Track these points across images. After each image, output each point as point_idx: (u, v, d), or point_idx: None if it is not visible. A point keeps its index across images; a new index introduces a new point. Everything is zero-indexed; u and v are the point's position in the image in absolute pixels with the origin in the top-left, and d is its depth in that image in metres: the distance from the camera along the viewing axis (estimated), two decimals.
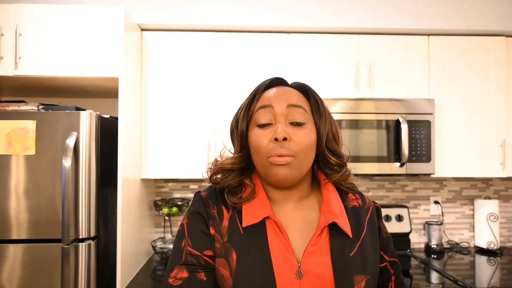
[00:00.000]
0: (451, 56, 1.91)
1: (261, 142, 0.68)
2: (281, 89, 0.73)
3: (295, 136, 0.68)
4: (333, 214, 0.70)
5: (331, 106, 1.81)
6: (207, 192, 0.76)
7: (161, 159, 1.83)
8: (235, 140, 0.75)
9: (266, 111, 0.70)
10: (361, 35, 1.90)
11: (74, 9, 1.56)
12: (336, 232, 0.69)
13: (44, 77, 1.58)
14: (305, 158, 0.69)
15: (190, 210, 0.75)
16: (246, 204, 0.71)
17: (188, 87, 1.85)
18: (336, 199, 0.74)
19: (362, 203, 0.77)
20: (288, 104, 0.70)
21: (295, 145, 0.67)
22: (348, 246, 0.69)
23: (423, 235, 2.21)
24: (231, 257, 0.67)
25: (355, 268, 0.67)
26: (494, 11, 1.89)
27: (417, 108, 1.83)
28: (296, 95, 0.73)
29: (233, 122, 0.76)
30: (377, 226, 0.77)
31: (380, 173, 1.83)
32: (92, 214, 1.46)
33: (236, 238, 0.68)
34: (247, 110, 0.73)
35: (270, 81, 0.75)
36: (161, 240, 2.06)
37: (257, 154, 0.70)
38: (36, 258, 1.41)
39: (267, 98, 0.72)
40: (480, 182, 2.26)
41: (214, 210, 0.72)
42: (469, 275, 1.71)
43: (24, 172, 1.42)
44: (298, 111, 0.70)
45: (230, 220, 0.70)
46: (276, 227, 0.68)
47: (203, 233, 0.70)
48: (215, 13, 1.84)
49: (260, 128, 0.70)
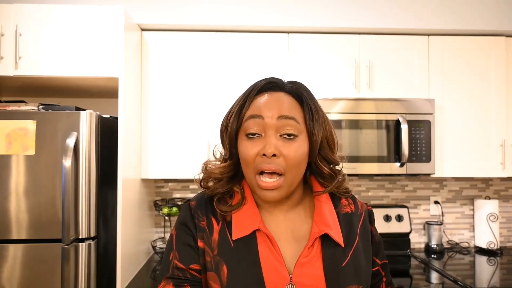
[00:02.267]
0: (451, 56, 1.91)
1: (249, 154, 0.66)
2: (273, 96, 0.68)
3: (286, 150, 0.64)
4: (326, 224, 0.68)
5: (331, 106, 1.81)
6: (196, 201, 0.74)
7: (161, 159, 1.83)
8: (225, 145, 0.72)
9: (256, 121, 0.66)
10: (361, 35, 1.90)
11: (74, 9, 1.56)
12: (329, 242, 0.68)
13: (44, 77, 1.58)
14: (296, 173, 0.67)
15: (178, 220, 0.74)
16: (236, 214, 0.69)
17: (188, 87, 1.85)
18: (329, 207, 0.72)
19: (354, 208, 0.75)
20: (279, 116, 0.65)
21: (285, 162, 0.64)
22: (340, 256, 0.68)
23: (423, 235, 2.21)
24: (221, 271, 0.66)
25: (348, 278, 0.66)
26: (494, 11, 1.89)
27: (417, 108, 1.83)
28: (289, 103, 0.68)
29: (223, 125, 0.72)
30: (370, 231, 0.76)
31: (380, 173, 1.83)
32: (92, 214, 1.46)
33: (226, 252, 0.67)
34: (236, 116, 0.69)
35: (263, 85, 0.70)
36: (161, 240, 2.06)
37: (246, 165, 0.67)
38: (36, 258, 1.41)
39: (258, 107, 0.67)
40: (480, 182, 2.26)
41: (203, 222, 0.70)
42: (469, 275, 1.71)
43: (24, 172, 1.42)
44: (290, 123, 0.66)
45: (220, 233, 0.69)
46: (267, 239, 0.67)
47: (189, 246, 0.69)
48: (215, 13, 1.84)
49: (249, 139, 0.67)
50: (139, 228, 1.82)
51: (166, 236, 2.12)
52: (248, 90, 0.71)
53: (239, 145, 0.69)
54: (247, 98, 0.70)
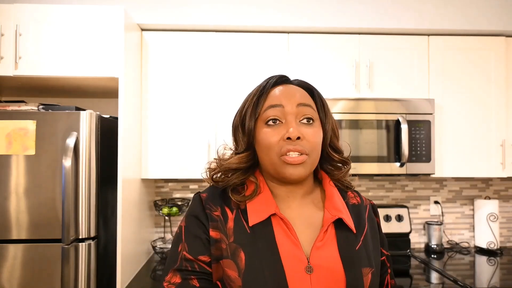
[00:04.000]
0: (451, 56, 1.91)
1: (271, 140, 0.68)
2: (288, 87, 0.73)
3: (307, 135, 0.68)
4: (338, 210, 0.71)
5: (331, 106, 1.80)
6: (207, 193, 0.75)
7: (161, 159, 1.83)
8: (240, 139, 0.74)
9: (276, 110, 0.70)
10: (361, 35, 1.90)
11: (74, 9, 1.56)
12: (341, 227, 0.70)
13: (44, 77, 1.58)
14: (316, 156, 0.70)
15: (188, 212, 0.74)
16: (250, 202, 0.71)
17: (188, 87, 1.85)
18: (338, 195, 0.75)
19: (360, 201, 0.79)
20: (298, 103, 0.70)
21: (308, 144, 0.68)
22: (353, 240, 0.70)
23: (423, 235, 2.21)
24: (239, 257, 0.66)
25: (362, 260, 0.68)
26: (494, 11, 1.89)
27: (417, 108, 1.83)
28: (303, 94, 0.73)
29: (237, 120, 0.75)
30: (376, 222, 0.79)
31: (380, 173, 1.83)
32: (92, 214, 1.46)
33: (243, 238, 0.68)
34: (254, 108, 0.72)
35: (276, 79, 0.74)
36: (161, 240, 2.06)
37: (266, 153, 0.69)
38: (36, 258, 1.41)
39: (276, 97, 0.71)
40: (480, 182, 2.26)
41: (216, 212, 0.71)
42: (469, 275, 1.71)
43: (24, 172, 1.42)
44: (308, 110, 0.70)
45: (235, 220, 0.70)
46: (282, 224, 0.69)
47: (199, 238, 0.69)
48: (215, 13, 1.84)
49: (269, 126, 0.70)
50: (139, 228, 1.82)
51: (166, 236, 2.12)
52: (263, 84, 0.74)
53: (258, 134, 0.71)
54: (264, 90, 0.73)
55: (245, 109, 0.73)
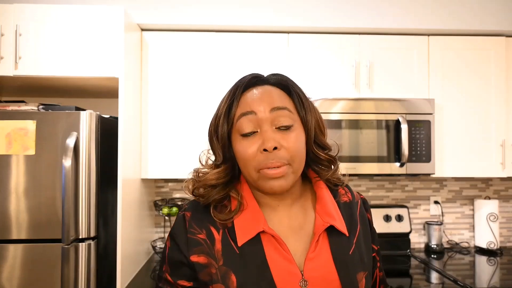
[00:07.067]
0: (451, 56, 1.91)
1: (247, 153, 0.63)
2: (261, 90, 0.67)
3: (285, 141, 0.63)
4: (329, 215, 0.68)
5: (331, 106, 1.81)
6: (191, 211, 0.70)
7: (161, 159, 1.83)
8: (216, 150, 0.70)
9: (249, 118, 0.64)
10: (361, 35, 1.90)
11: (74, 9, 1.56)
12: (334, 232, 0.68)
13: (44, 77, 1.58)
14: (299, 162, 0.65)
15: (171, 233, 0.71)
16: (237, 218, 0.67)
17: (188, 87, 1.85)
18: (329, 197, 0.72)
19: (351, 197, 0.76)
20: (272, 108, 0.64)
21: (287, 152, 0.63)
22: (346, 244, 0.68)
23: (423, 235, 2.21)
24: (230, 280, 0.63)
25: (356, 265, 0.67)
26: (494, 11, 1.89)
27: (417, 108, 1.83)
28: (278, 94, 0.67)
29: (211, 130, 0.70)
30: (367, 218, 0.76)
31: (380, 173, 1.83)
32: (92, 214, 1.46)
33: (232, 260, 0.64)
34: (226, 117, 0.66)
35: (247, 81, 0.68)
36: (161, 240, 2.06)
37: (244, 166, 0.65)
38: (36, 258, 1.41)
39: (247, 103, 0.65)
40: (480, 182, 2.26)
41: (201, 235, 0.67)
42: (469, 275, 1.71)
43: (24, 172, 1.42)
44: (283, 114, 0.64)
45: (222, 241, 0.66)
46: (273, 239, 0.65)
47: (180, 262, 0.68)
48: (215, 13, 1.84)
49: (244, 137, 0.65)
50: (139, 228, 1.82)
51: (166, 236, 2.12)
52: (234, 88, 0.68)
53: (234, 146, 0.67)
54: (234, 97, 0.67)
55: (217, 117, 0.68)
